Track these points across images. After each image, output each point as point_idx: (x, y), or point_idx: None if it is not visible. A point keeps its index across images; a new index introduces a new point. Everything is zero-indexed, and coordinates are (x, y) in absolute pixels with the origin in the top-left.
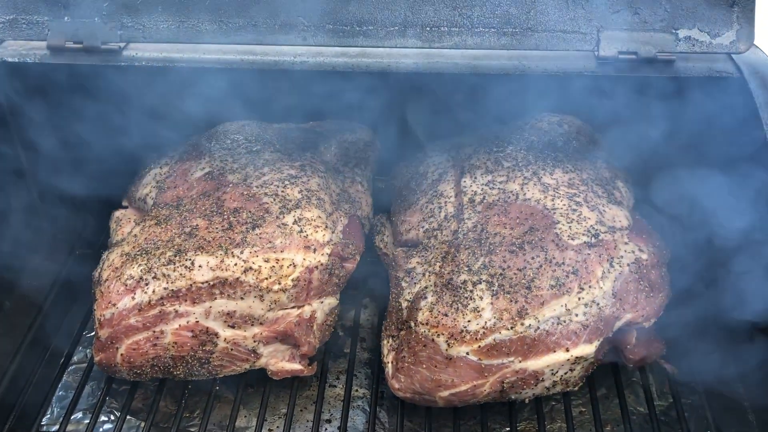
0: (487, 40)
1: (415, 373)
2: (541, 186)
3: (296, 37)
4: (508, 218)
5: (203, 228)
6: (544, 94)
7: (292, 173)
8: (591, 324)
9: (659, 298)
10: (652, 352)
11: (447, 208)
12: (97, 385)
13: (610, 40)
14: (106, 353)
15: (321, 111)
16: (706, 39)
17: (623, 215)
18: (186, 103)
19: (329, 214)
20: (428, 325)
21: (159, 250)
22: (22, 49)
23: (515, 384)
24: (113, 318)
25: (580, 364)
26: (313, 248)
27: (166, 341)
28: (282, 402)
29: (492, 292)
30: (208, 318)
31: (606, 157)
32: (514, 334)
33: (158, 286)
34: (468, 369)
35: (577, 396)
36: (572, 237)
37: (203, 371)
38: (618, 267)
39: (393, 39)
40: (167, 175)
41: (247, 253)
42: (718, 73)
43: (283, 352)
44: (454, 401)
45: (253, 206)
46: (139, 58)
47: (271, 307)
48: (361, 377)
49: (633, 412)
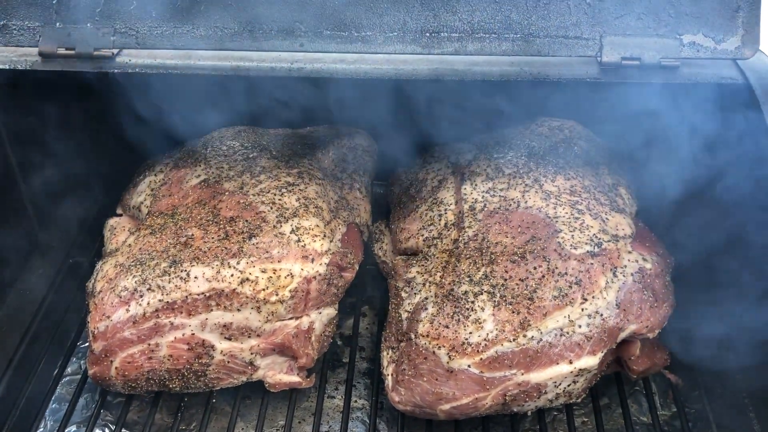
0: (488, 46)
1: (415, 386)
2: (543, 193)
3: (293, 43)
4: (510, 227)
5: (199, 238)
6: (546, 99)
7: (289, 180)
8: (594, 335)
9: (663, 308)
10: (657, 362)
11: (447, 216)
12: (91, 398)
13: (614, 45)
14: (100, 366)
15: (318, 116)
16: (711, 44)
17: (626, 223)
18: (180, 110)
19: (327, 222)
20: (429, 337)
21: (154, 260)
22: (14, 56)
23: (517, 397)
24: (107, 331)
25: (583, 376)
26: (311, 258)
27: (162, 354)
28: (280, 413)
29: (494, 303)
30: (204, 330)
31: (608, 163)
32: (517, 346)
33: (153, 297)
34: (469, 382)
35: (580, 406)
36: (575, 246)
37: (199, 384)
38: (622, 277)
39: (392, 45)
40: (162, 183)
41: (243, 263)
42: (723, 79)
43: (280, 364)
44: (456, 414)
45: (250, 215)
46: (133, 64)
47: (269, 318)
48: (361, 388)
49: (636, 422)
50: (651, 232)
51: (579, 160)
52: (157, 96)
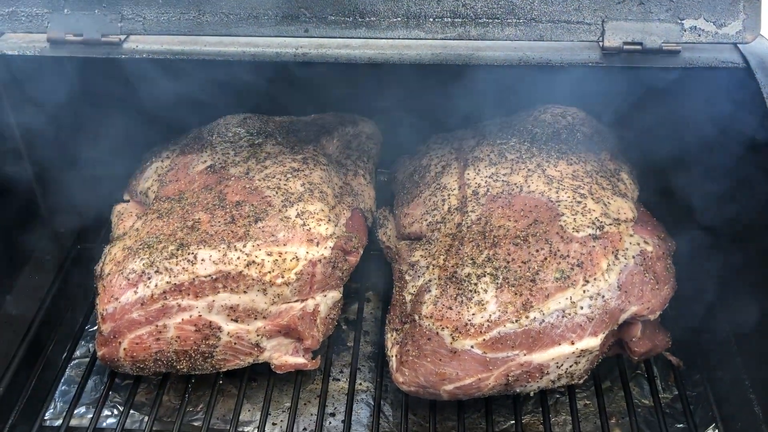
0: (491, 31)
1: (419, 366)
2: (546, 178)
3: (298, 28)
4: (513, 211)
5: (205, 221)
6: (548, 84)
7: (295, 166)
8: (596, 317)
9: (665, 290)
10: (658, 344)
11: (450, 200)
12: (99, 380)
13: (615, 30)
14: (109, 347)
15: (323, 103)
16: (712, 29)
17: (628, 207)
18: (187, 96)
19: (332, 207)
20: (432, 319)
21: (161, 243)
22: (22, 42)
23: (520, 377)
24: (116, 312)
25: (585, 357)
26: (316, 241)
27: (169, 335)
28: (286, 396)
29: (496, 285)
30: (211, 312)
31: (610, 149)
32: (519, 327)
33: (161, 280)
34: (472, 362)
35: (582, 389)
36: (577, 229)
37: (207, 365)
38: (623, 259)
39: (396, 30)
40: (168, 169)
41: (249, 246)
42: (724, 63)
43: (286, 345)
44: (459, 395)
45: (256, 199)
46: (140, 50)
47: (275, 300)
48: (365, 371)
49: (638, 404)
50: (652, 216)
51: (581, 146)
52: (163, 83)
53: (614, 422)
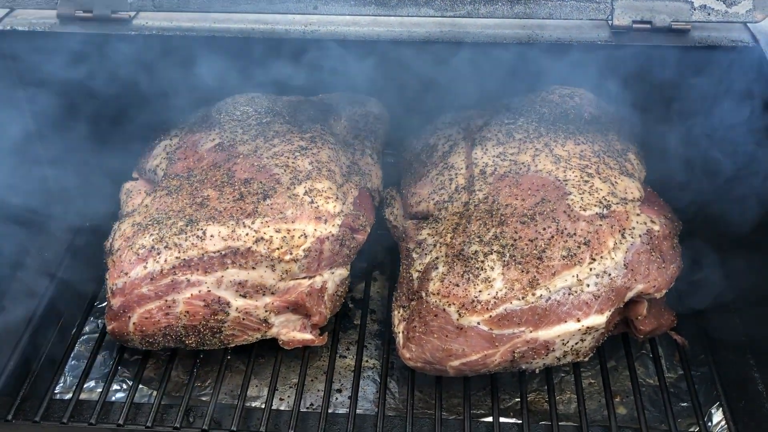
0: (500, 9)
1: (426, 342)
2: (553, 157)
3: (308, 5)
4: (520, 189)
5: (214, 198)
6: (557, 64)
7: (303, 144)
8: (602, 294)
9: (671, 269)
10: (663, 323)
11: (458, 179)
12: (109, 355)
13: (625, 9)
14: (119, 322)
15: (330, 82)
16: (722, 8)
17: (635, 187)
18: (195, 73)
19: (340, 185)
20: (439, 295)
21: (170, 219)
22: (32, 18)
23: (526, 354)
24: (125, 287)
25: (590, 334)
26: (324, 219)
27: (178, 310)
28: (293, 372)
29: (503, 262)
30: (219, 287)
31: (618, 129)
32: (525, 304)
33: (170, 255)
34: (479, 339)
35: (587, 367)
36: (584, 208)
37: (215, 341)
38: (630, 238)
39: (405, 8)
40: (177, 147)
41: (258, 223)
42: (734, 42)
43: (294, 322)
44: (465, 371)
45: (264, 177)
46: (150, 27)
47: (283, 277)
48: (372, 348)
49: (643, 383)
50: (659, 196)
51: (589, 127)
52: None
53: (619, 401)
